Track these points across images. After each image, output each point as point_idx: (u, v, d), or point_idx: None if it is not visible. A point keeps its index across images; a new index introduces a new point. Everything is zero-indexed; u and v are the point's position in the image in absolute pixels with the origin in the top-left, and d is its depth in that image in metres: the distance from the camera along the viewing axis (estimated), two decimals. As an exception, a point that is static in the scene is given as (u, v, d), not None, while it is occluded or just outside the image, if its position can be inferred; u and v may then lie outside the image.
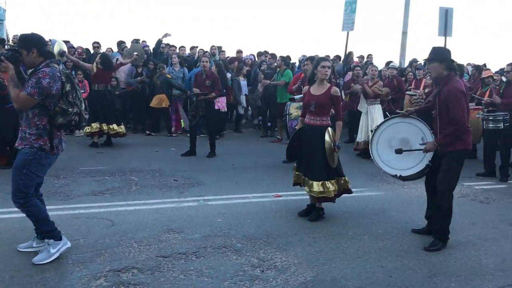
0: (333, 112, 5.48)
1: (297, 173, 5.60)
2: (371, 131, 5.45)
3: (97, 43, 11.25)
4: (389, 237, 4.95)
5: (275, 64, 11.01)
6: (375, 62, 13.31)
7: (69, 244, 4.27)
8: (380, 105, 9.15)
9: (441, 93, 4.63)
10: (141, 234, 4.78)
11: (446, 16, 12.57)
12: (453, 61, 4.72)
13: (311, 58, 7.47)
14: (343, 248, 4.66)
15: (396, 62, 14.55)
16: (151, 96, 10.98)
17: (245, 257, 4.35)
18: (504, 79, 8.14)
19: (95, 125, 9.07)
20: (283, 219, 5.46)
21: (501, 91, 8.01)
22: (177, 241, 4.65)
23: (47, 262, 4.01)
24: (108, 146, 9.45)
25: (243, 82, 11.86)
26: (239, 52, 13.26)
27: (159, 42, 12.03)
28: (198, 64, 12.05)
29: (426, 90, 8.93)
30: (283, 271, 4.09)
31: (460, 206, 6.17)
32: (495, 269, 4.32)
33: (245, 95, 11.95)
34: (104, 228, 4.92)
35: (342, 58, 13.56)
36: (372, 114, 9.00)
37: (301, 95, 8.10)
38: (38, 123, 3.94)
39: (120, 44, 11.74)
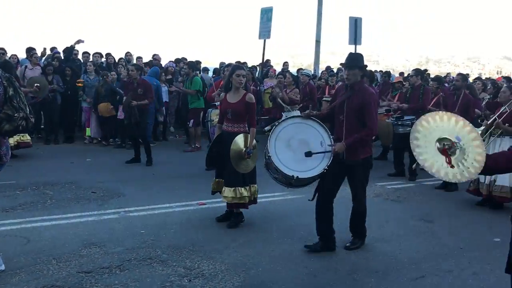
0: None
1: (217, 180, 5.63)
2: (265, 130, 5.26)
3: (2, 49, 10.51)
4: (311, 238, 5.10)
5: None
6: (291, 69, 13.74)
7: (3, 267, 4.01)
8: (299, 111, 9.44)
9: (352, 98, 4.66)
10: (59, 250, 4.55)
11: (355, 26, 13.27)
12: (366, 67, 4.94)
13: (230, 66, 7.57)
14: (268, 251, 4.76)
15: (311, 69, 15.11)
16: (95, 105, 10.53)
17: (171, 267, 4.29)
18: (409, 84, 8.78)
19: None
20: (209, 226, 5.45)
21: (407, 95, 8.61)
22: (99, 255, 4.48)
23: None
24: (14, 158, 8.83)
25: (163, 88, 11.61)
26: (156, 59, 13.04)
27: (71, 48, 11.51)
28: (112, 72, 11.67)
29: None
30: (211, 279, 4.10)
31: (375, 205, 6.53)
32: (409, 263, 4.64)
33: (165, 102, 11.70)
34: (18, 246, 4.61)
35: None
36: None
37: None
38: None
39: (30, 50, 11.06)
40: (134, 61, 12.54)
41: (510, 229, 2.69)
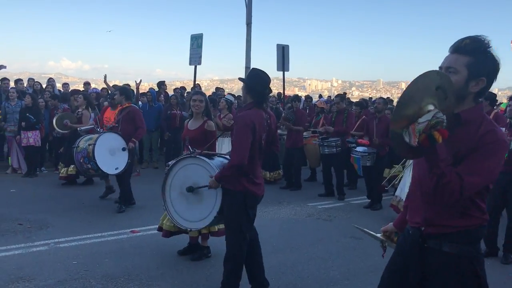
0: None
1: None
2: (168, 164, 4.56)
3: None
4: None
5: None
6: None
7: None
8: (229, 138, 9.54)
9: None
10: (-16, 287, 4.29)
11: (283, 53, 13.72)
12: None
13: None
14: (206, 276, 4.77)
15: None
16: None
17: (107, 298, 4.18)
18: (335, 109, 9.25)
19: None
20: (143, 254, 5.35)
21: (333, 119, 9.05)
22: (29, 290, 4.27)
23: None
24: None
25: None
26: (87, 84, 12.86)
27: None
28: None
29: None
30: (149, 307, 4.03)
31: (307, 225, 6.75)
32: (341, 278, 4.83)
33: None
34: None
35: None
36: (221, 145, 9.36)
37: (90, 126, 8.04)
38: None
39: None
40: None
41: None
